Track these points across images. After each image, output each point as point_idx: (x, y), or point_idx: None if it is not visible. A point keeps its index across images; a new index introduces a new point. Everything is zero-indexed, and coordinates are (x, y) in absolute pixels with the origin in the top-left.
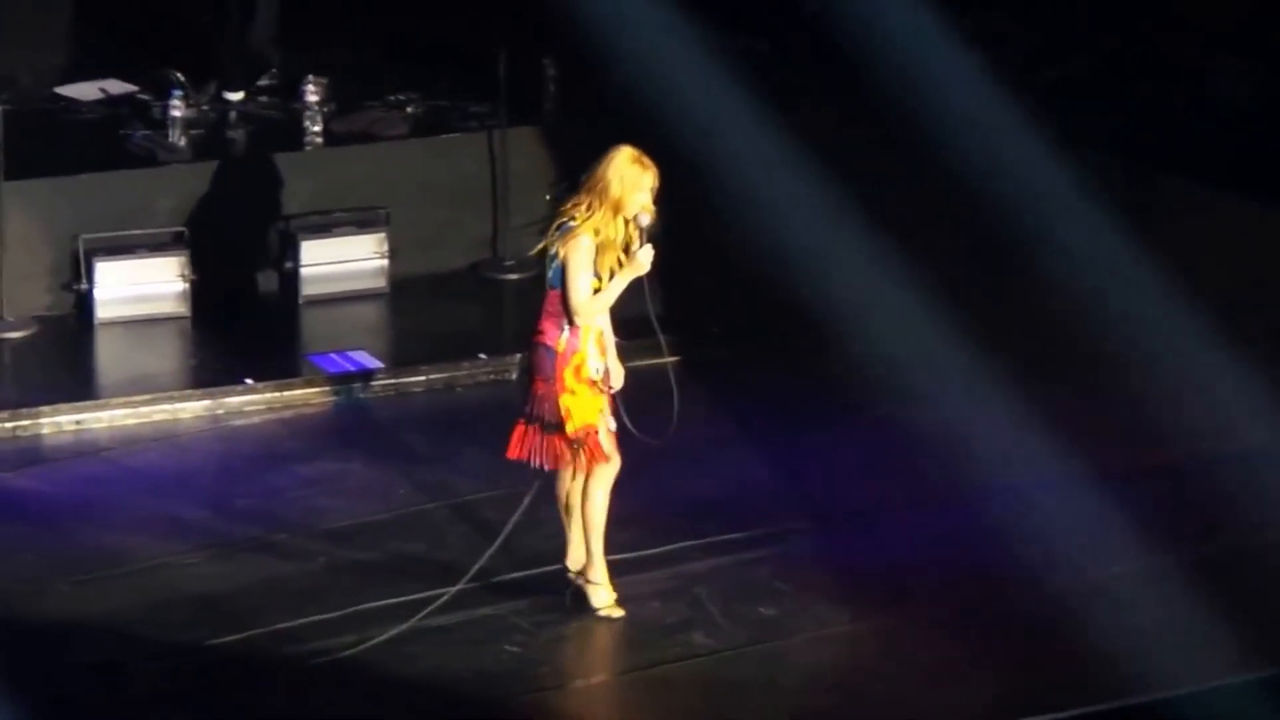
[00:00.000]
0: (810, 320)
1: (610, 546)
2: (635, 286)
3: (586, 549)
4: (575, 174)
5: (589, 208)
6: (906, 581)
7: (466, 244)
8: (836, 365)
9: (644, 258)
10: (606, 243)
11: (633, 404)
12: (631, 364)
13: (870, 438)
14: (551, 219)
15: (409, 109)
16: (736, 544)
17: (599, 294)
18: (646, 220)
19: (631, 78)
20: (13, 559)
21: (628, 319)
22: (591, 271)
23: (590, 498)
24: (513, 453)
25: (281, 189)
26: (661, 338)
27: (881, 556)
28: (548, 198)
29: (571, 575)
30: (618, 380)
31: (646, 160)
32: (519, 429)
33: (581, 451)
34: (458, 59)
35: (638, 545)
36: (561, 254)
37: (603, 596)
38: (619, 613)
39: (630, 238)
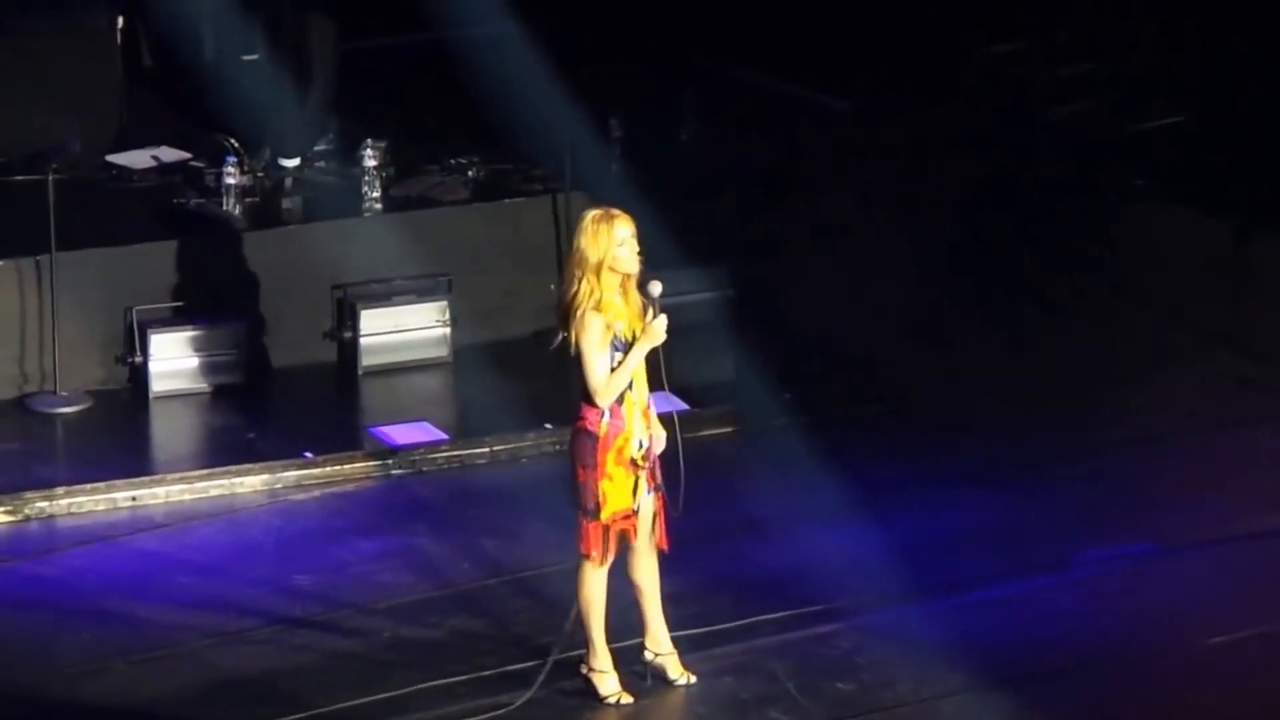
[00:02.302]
0: (888, 387)
1: (684, 620)
2: (652, 358)
3: (588, 636)
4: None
5: (580, 284)
6: (988, 656)
7: (530, 311)
8: (915, 434)
9: (658, 327)
10: (615, 311)
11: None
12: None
13: (950, 509)
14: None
15: (470, 173)
16: (813, 618)
17: (616, 371)
18: (657, 290)
19: (695, 135)
20: (70, 637)
21: (711, 385)
22: (606, 349)
23: (583, 584)
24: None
25: (340, 257)
26: (676, 414)
27: (961, 631)
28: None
29: (649, 654)
30: (659, 443)
31: (614, 212)
32: (580, 523)
33: (607, 538)
34: (520, 120)
35: (712, 619)
36: (572, 337)
37: (609, 685)
38: (628, 699)
39: (634, 299)
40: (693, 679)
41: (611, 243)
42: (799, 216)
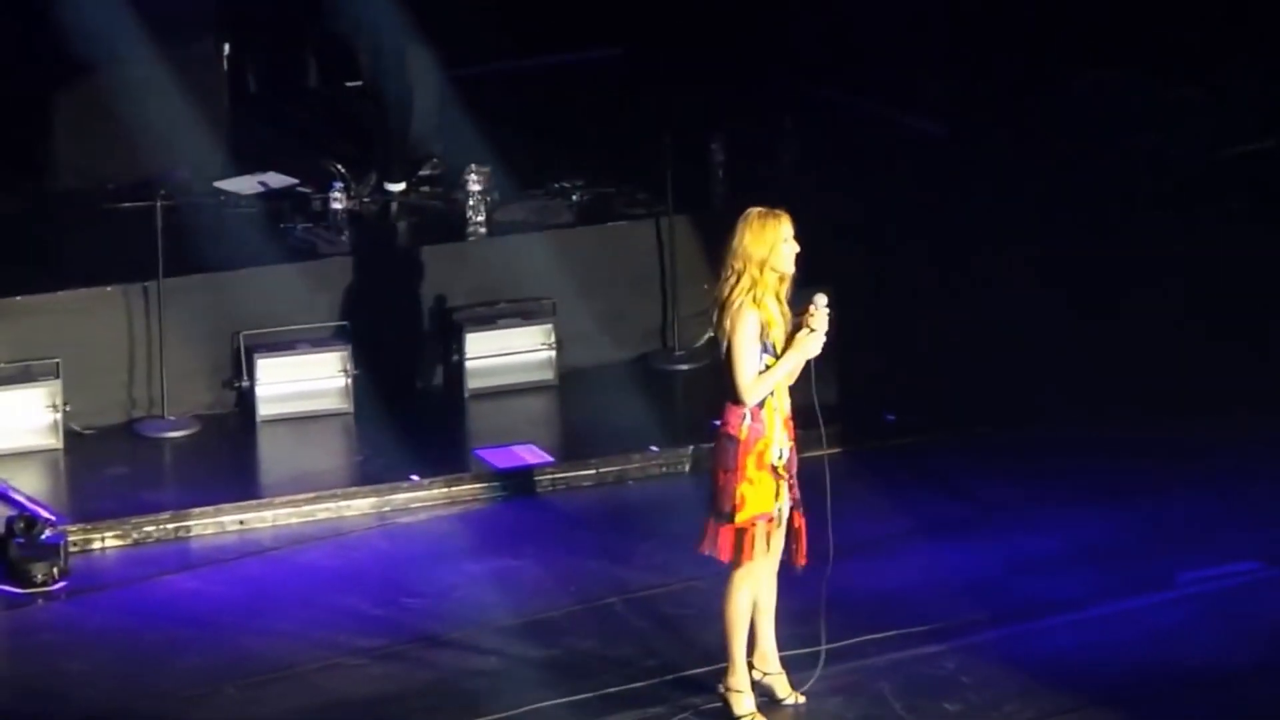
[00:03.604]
0: (993, 406)
1: (790, 640)
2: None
3: (729, 652)
4: None
5: (739, 279)
6: (1094, 676)
7: (635, 334)
8: (1020, 453)
9: (812, 342)
10: (769, 313)
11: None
12: (805, 454)
13: (1055, 527)
14: (713, 307)
15: (574, 197)
16: (919, 638)
17: (766, 373)
18: (823, 302)
19: (799, 158)
20: (179, 662)
21: (814, 406)
22: (758, 347)
23: (732, 594)
24: (700, 547)
25: (445, 281)
26: (823, 428)
27: (1068, 650)
28: (705, 287)
29: (756, 673)
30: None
31: (775, 211)
32: (708, 525)
33: (744, 541)
34: (623, 145)
35: (819, 639)
36: (726, 331)
37: (745, 704)
38: None
39: (785, 308)
40: (800, 699)
41: (778, 238)
42: (898, 239)
